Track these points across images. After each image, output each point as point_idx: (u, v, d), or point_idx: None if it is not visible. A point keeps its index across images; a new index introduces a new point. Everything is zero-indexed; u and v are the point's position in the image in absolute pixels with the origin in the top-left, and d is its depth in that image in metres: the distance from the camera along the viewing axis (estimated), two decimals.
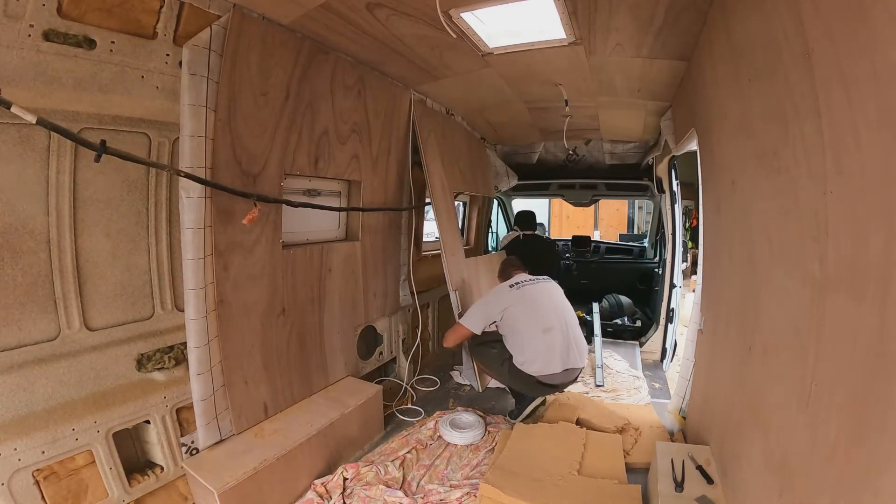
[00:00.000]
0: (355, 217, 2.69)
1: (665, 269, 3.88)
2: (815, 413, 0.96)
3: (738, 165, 1.62)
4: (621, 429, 2.43)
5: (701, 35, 1.98)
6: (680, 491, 1.59)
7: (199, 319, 1.73)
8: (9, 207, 1.36)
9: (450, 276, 2.94)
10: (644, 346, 3.98)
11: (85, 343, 1.56)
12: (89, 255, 1.58)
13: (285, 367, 2.19)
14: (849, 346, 0.85)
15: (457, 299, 2.95)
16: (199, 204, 1.68)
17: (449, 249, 3.00)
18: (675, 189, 3.79)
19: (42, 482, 1.40)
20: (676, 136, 2.89)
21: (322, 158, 2.30)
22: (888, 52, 0.72)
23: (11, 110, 1.14)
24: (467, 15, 1.88)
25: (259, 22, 1.82)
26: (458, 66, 2.53)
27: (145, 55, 1.53)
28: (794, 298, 1.13)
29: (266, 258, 2.03)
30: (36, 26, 1.26)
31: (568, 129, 3.60)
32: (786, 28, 1.09)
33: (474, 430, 2.42)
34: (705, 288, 2.29)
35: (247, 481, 1.69)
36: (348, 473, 2.02)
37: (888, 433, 0.72)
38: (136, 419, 1.65)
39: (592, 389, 3.10)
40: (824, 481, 0.91)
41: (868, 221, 0.80)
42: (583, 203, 5.24)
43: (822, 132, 0.94)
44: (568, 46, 2.19)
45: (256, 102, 1.88)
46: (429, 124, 3.07)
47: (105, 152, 1.32)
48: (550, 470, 1.95)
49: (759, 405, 1.34)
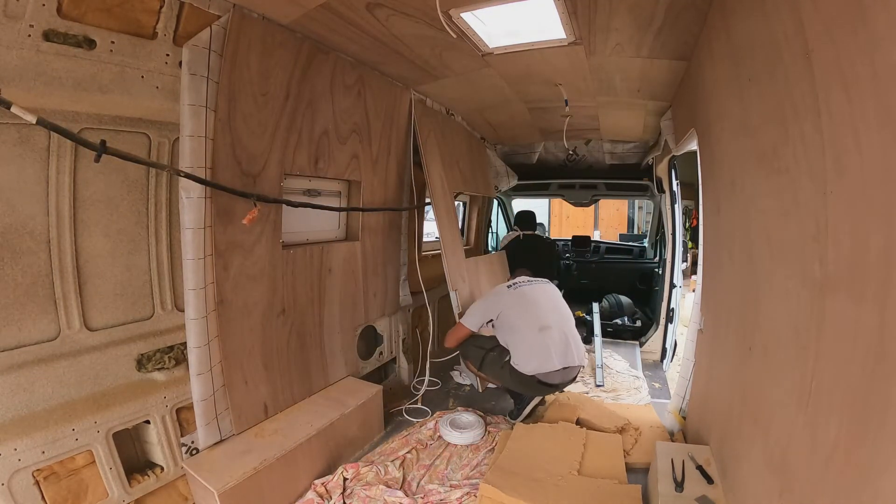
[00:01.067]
0: (355, 217, 2.69)
1: (665, 269, 3.88)
2: (815, 413, 0.96)
3: (738, 165, 1.62)
4: (621, 429, 2.43)
5: (701, 35, 1.98)
6: (680, 491, 1.59)
7: (199, 319, 1.73)
8: (9, 207, 1.36)
9: (450, 275, 2.94)
10: (644, 346, 3.98)
11: (85, 343, 1.56)
12: (89, 255, 1.58)
13: (285, 367, 2.19)
14: (849, 346, 0.85)
15: (457, 299, 2.95)
16: (199, 204, 1.68)
17: (449, 249, 3.00)
18: (675, 189, 3.79)
19: (42, 482, 1.40)
20: (676, 136, 2.89)
21: (322, 158, 2.30)
22: (888, 52, 0.72)
23: (11, 110, 1.13)
24: (467, 15, 1.88)
25: (259, 22, 1.82)
26: (458, 66, 2.53)
27: (145, 55, 1.53)
28: (794, 298, 1.13)
29: (266, 258, 2.04)
30: (36, 26, 1.26)
31: (568, 129, 3.60)
32: (786, 28, 1.09)
33: (474, 430, 2.42)
34: (705, 288, 2.29)
35: (247, 481, 1.69)
36: (348, 473, 2.02)
37: (888, 433, 0.72)
38: (136, 419, 1.65)
39: (592, 389, 3.10)
40: (824, 481, 0.91)
41: (868, 221, 0.80)
42: (583, 203, 5.24)
43: (822, 132, 0.95)
44: (568, 46, 2.19)
45: (256, 102, 1.88)
46: (429, 124, 3.07)
47: (105, 152, 1.32)
48: (550, 470, 1.95)
49: (759, 405, 1.34)
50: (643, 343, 4.02)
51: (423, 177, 2.98)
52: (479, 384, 3.08)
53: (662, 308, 3.82)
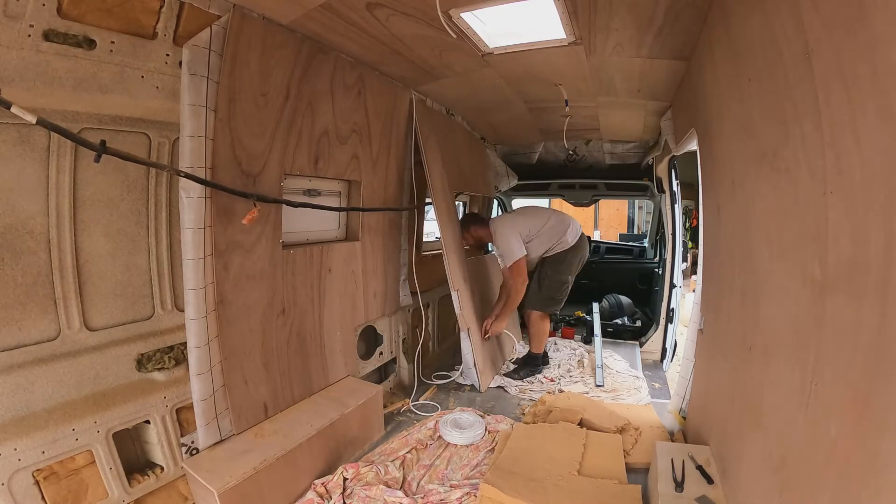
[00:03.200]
0: (355, 217, 2.69)
1: (665, 269, 3.88)
2: (815, 413, 0.96)
3: (738, 165, 1.62)
4: (621, 429, 2.43)
5: (701, 35, 1.98)
6: (680, 491, 1.59)
7: (199, 319, 1.73)
8: (9, 207, 1.36)
9: (451, 275, 2.95)
10: (644, 346, 3.99)
11: (85, 343, 1.56)
12: (89, 255, 1.58)
13: (285, 366, 2.19)
14: (849, 346, 0.85)
15: (458, 299, 2.95)
16: (199, 204, 1.68)
17: (450, 249, 3.00)
18: (675, 189, 3.79)
19: (42, 482, 1.40)
20: (676, 136, 2.89)
21: (322, 158, 2.30)
22: (888, 52, 0.72)
23: (11, 110, 1.13)
24: (467, 15, 1.88)
25: (259, 22, 1.82)
26: (458, 66, 2.53)
27: (145, 55, 1.53)
28: (794, 298, 1.13)
29: (266, 258, 2.04)
30: (36, 26, 1.26)
31: (568, 129, 3.60)
32: (786, 28, 1.09)
33: (474, 430, 2.42)
34: (705, 288, 2.29)
35: (247, 481, 1.69)
36: (348, 473, 2.02)
37: (888, 433, 0.72)
38: (136, 419, 1.65)
39: (592, 389, 3.10)
40: (824, 481, 0.91)
41: (868, 221, 0.80)
42: (583, 203, 5.23)
43: (822, 132, 0.95)
44: (568, 46, 2.19)
45: (256, 102, 1.88)
46: (429, 124, 3.07)
47: (105, 152, 1.32)
48: (551, 470, 1.95)
49: (759, 405, 1.34)
50: (643, 343, 4.02)
51: (424, 176, 2.99)
52: (479, 383, 3.08)
53: (662, 308, 3.82)
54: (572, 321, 4.55)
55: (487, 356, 3.29)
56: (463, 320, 3.05)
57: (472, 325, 3.08)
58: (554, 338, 4.16)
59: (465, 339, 3.06)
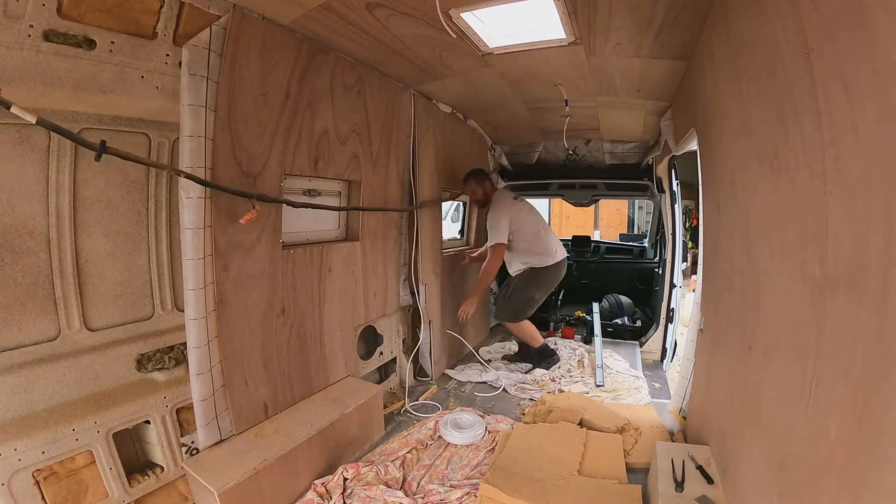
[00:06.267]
0: (355, 217, 2.69)
1: (665, 269, 3.88)
2: (815, 413, 0.96)
3: (738, 165, 1.62)
4: (621, 429, 2.43)
5: (701, 35, 1.98)
6: (680, 491, 1.59)
7: (199, 319, 1.73)
8: (9, 207, 1.36)
9: (421, 270, 3.15)
10: (644, 346, 3.98)
11: (85, 343, 1.56)
12: (89, 256, 1.58)
13: (285, 367, 2.19)
14: (849, 346, 0.85)
15: (423, 292, 3.17)
16: (199, 204, 1.68)
17: (426, 245, 3.21)
18: (675, 189, 3.79)
19: (42, 482, 1.40)
20: (676, 136, 2.89)
21: (322, 158, 2.30)
22: (888, 52, 0.72)
23: (11, 110, 1.13)
24: (467, 15, 1.88)
25: (259, 22, 1.82)
26: (458, 66, 2.53)
27: (145, 55, 1.53)
28: (794, 298, 1.13)
29: (266, 258, 2.04)
30: (36, 26, 1.26)
31: (568, 129, 3.60)
32: (786, 28, 1.09)
33: (474, 430, 2.42)
34: (705, 288, 2.29)
35: (247, 481, 1.69)
36: (348, 473, 2.02)
37: (888, 433, 0.72)
38: (136, 419, 1.65)
39: (592, 389, 3.10)
40: (824, 481, 0.91)
41: (868, 221, 0.80)
42: (583, 203, 5.22)
43: (822, 132, 0.94)
44: (568, 46, 2.19)
45: (256, 102, 1.88)
46: (427, 123, 3.09)
47: (105, 152, 1.32)
48: (551, 470, 1.95)
49: (759, 405, 1.34)
50: (643, 343, 4.02)
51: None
52: (431, 370, 3.27)
53: (662, 308, 3.82)
54: (572, 321, 4.55)
55: (444, 349, 3.53)
56: (426, 313, 3.22)
57: (433, 318, 3.31)
58: (554, 338, 4.16)
59: (426, 330, 3.27)
